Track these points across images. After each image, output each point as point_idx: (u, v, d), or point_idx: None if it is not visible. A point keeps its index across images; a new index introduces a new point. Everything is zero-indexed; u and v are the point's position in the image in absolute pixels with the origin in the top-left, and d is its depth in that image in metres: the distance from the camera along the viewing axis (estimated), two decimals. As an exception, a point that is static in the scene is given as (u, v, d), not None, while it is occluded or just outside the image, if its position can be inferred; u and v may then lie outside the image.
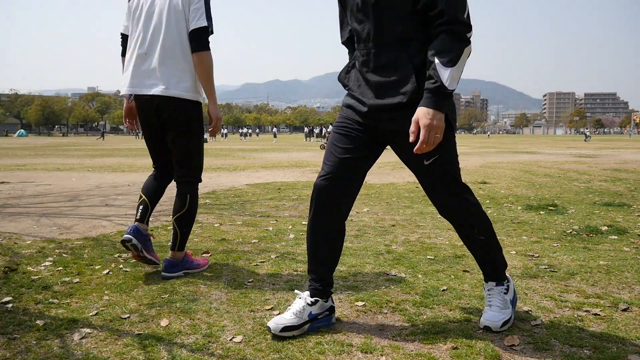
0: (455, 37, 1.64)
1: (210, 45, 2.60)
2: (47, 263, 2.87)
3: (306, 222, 4.21)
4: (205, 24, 2.55)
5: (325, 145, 18.04)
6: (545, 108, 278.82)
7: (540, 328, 1.96)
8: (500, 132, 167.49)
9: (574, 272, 2.69)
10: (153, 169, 2.84)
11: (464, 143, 33.44)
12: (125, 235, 2.59)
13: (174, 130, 2.61)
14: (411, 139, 1.67)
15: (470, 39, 1.68)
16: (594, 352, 1.74)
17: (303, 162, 13.00)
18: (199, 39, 2.55)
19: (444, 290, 2.41)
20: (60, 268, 2.76)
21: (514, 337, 1.86)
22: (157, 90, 2.54)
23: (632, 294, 2.35)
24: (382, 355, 1.73)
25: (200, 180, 2.75)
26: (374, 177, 8.47)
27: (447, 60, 1.62)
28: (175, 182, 2.73)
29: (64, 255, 3.07)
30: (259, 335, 1.89)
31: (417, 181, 6.92)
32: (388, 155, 16.08)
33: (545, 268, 2.78)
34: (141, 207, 2.71)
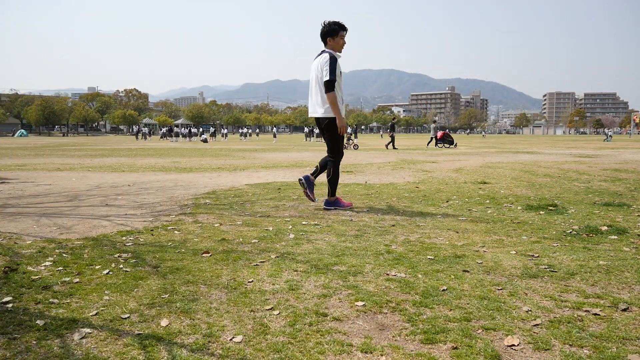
0: None
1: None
2: (47, 263, 2.87)
3: (306, 222, 4.22)
4: (328, 78, 4.62)
5: (345, 145, 18.65)
6: (545, 108, 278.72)
7: (540, 328, 1.96)
8: (501, 132, 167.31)
9: (573, 272, 2.69)
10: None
11: (463, 143, 33.42)
12: (300, 177, 5.01)
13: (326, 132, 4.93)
14: None
15: None
16: (594, 352, 1.74)
17: (303, 162, 12.99)
18: (327, 87, 4.67)
19: (444, 290, 2.41)
20: (60, 268, 2.76)
21: (514, 337, 1.86)
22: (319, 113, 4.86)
23: (632, 294, 2.35)
24: (382, 355, 1.73)
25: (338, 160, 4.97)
26: (374, 177, 8.47)
27: None
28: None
29: (64, 255, 3.07)
30: (259, 335, 1.89)
31: (417, 181, 6.89)
32: (388, 155, 16.05)
33: (545, 268, 2.78)
34: (315, 168, 5.10)
